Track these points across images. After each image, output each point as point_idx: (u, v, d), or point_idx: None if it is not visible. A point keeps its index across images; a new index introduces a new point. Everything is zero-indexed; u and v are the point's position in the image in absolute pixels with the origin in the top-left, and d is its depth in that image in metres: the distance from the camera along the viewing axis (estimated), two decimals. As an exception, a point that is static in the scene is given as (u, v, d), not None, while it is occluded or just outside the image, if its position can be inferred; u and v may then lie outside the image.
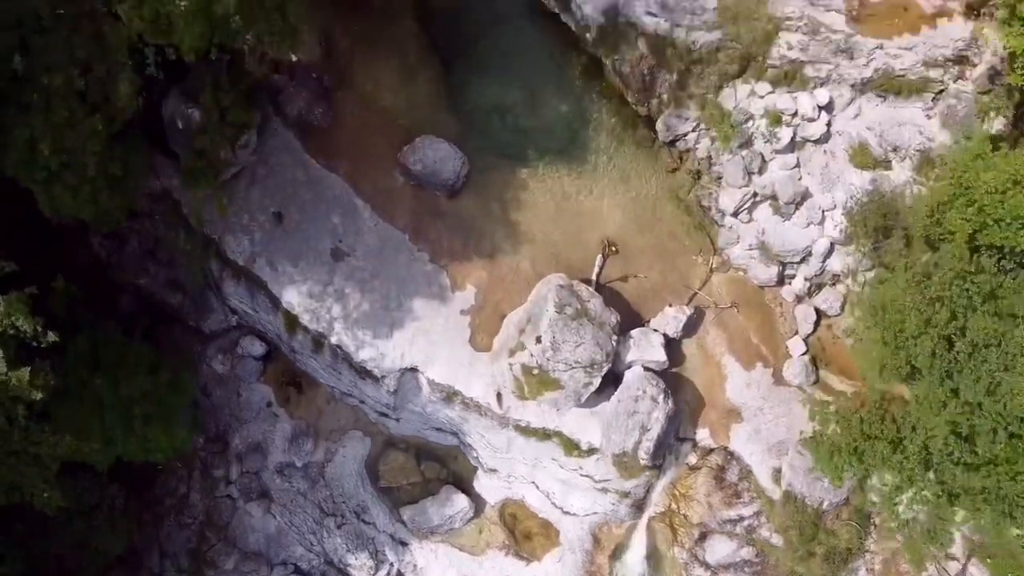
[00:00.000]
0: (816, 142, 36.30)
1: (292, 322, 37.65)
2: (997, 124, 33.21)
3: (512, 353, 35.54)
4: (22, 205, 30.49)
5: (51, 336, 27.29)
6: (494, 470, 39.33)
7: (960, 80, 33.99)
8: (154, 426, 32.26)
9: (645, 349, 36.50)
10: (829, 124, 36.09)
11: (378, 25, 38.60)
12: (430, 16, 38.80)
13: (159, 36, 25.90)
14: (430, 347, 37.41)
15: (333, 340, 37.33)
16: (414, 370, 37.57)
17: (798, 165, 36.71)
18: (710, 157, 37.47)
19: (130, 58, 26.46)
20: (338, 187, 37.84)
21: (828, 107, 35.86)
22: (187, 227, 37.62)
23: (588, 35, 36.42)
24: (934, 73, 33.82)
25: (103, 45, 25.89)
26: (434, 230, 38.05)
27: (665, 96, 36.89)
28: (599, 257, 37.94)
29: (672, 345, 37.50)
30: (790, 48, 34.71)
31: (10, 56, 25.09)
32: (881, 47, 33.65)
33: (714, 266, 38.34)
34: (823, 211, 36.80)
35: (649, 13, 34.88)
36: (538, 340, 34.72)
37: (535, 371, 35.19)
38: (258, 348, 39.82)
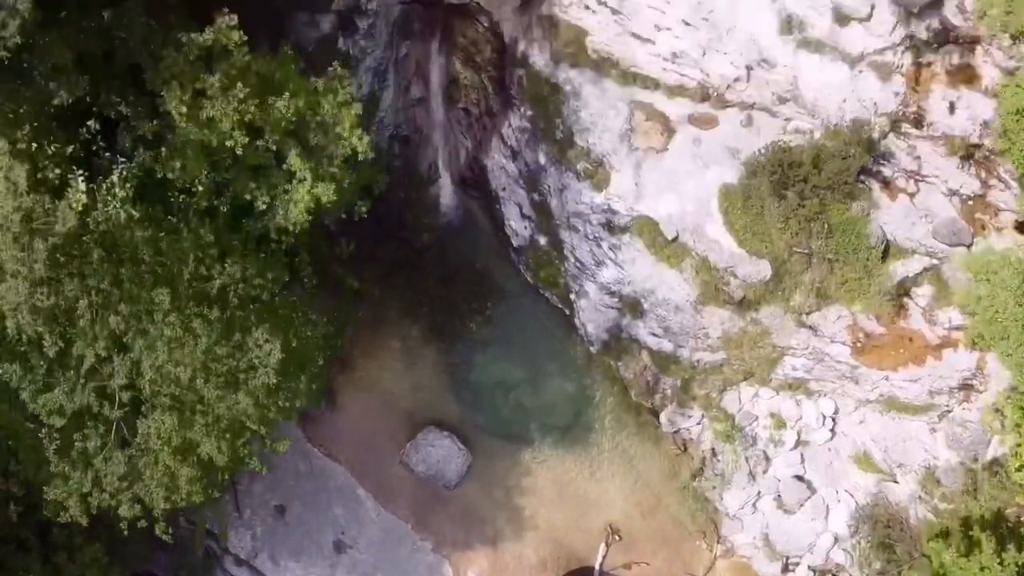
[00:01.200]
0: (821, 444, 36.03)
1: (294, 616, 37.64)
2: None
3: (516, 670, 35.49)
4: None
5: None
6: None
7: (964, 404, 33.62)
8: None
9: (649, 652, 36.37)
10: (833, 428, 35.86)
11: (379, 310, 38.36)
12: (432, 299, 38.50)
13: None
14: (432, 640, 37.42)
15: (335, 636, 37.35)
16: (416, 660, 37.58)
17: (802, 461, 36.47)
18: (713, 450, 37.18)
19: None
20: (340, 477, 37.72)
21: (833, 414, 35.61)
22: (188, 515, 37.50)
23: (592, 347, 36.15)
24: (939, 400, 33.42)
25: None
26: (436, 519, 37.87)
27: (669, 393, 36.61)
28: (602, 545, 37.74)
29: (676, 637, 37.43)
30: (795, 369, 34.42)
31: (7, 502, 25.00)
32: (887, 378, 33.27)
33: (718, 554, 38.09)
34: (827, 505, 36.55)
35: (653, 335, 34.61)
36: (541, 666, 34.66)
37: None
38: (262, 589, 39.74)
